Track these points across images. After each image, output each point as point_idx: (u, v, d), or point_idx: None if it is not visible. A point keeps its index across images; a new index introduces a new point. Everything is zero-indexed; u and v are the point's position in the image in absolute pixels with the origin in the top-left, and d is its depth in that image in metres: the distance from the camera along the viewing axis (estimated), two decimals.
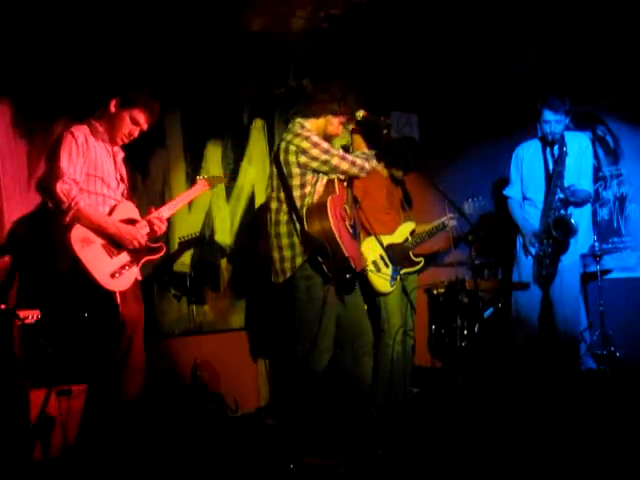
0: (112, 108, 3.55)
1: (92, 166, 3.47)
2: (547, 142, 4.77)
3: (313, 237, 3.72)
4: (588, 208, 5.03)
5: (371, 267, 4.89)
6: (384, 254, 4.76)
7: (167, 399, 4.52)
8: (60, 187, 3.31)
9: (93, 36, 4.56)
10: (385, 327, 4.75)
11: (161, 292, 5.05)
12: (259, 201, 5.59)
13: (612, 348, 5.36)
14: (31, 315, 3.68)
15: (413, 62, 5.72)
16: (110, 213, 3.52)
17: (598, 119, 6.04)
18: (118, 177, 3.63)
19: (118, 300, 3.38)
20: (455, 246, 5.34)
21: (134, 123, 3.55)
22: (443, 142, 6.10)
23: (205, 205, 5.33)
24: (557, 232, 4.62)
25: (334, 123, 3.96)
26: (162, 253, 3.66)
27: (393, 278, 4.78)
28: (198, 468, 3.66)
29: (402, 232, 5.01)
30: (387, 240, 4.89)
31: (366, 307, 4.54)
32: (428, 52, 5.56)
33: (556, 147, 4.71)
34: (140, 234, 3.49)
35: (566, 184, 4.71)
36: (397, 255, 4.87)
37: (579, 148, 4.82)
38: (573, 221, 4.61)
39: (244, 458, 3.86)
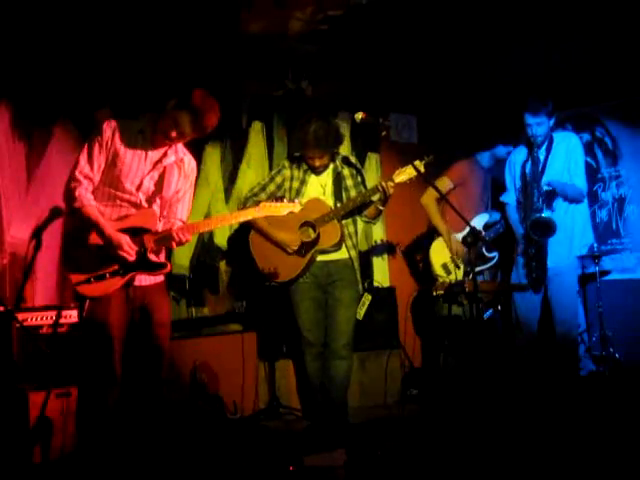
0: (166, 108, 3.37)
1: (113, 163, 3.32)
2: (532, 145, 4.71)
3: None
4: (585, 209, 4.96)
5: (440, 271, 4.86)
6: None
7: (166, 401, 4.50)
8: (69, 184, 3.30)
9: (92, 38, 4.56)
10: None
11: None
12: None
13: (611, 349, 5.36)
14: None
15: (412, 64, 5.72)
16: (122, 217, 3.38)
17: (597, 120, 6.05)
18: (147, 181, 3.41)
19: (85, 306, 3.34)
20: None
21: (175, 124, 3.32)
22: (442, 144, 6.10)
23: (204, 208, 5.32)
24: (535, 233, 4.56)
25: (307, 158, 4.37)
26: (164, 272, 3.52)
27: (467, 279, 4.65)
28: (197, 470, 3.65)
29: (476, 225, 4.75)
30: (459, 237, 4.73)
31: (362, 314, 4.56)
32: (427, 54, 5.55)
33: (543, 149, 4.65)
34: (128, 247, 3.31)
35: (552, 180, 4.63)
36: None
37: (567, 147, 4.74)
38: (548, 217, 4.52)
39: (243, 460, 3.86)
